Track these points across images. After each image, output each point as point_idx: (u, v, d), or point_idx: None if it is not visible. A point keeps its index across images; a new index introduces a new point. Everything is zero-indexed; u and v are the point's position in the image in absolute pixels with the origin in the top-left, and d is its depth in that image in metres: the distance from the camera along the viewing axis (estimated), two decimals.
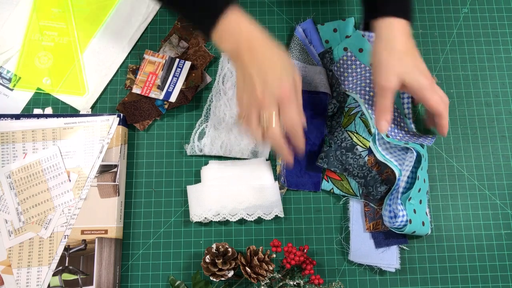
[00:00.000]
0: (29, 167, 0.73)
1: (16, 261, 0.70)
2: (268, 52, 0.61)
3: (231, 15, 0.60)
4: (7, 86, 0.79)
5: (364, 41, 0.78)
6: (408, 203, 0.68)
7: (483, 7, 0.84)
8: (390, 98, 0.64)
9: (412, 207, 0.69)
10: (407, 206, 0.68)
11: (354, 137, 0.72)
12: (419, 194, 0.69)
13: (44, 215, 0.72)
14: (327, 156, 0.69)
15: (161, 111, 0.77)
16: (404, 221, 0.67)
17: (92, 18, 0.82)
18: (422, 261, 0.72)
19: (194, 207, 0.72)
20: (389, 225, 0.68)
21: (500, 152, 0.77)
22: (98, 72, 0.80)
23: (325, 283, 0.69)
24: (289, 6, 0.84)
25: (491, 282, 0.72)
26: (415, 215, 0.69)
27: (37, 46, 0.80)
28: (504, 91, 0.80)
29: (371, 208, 0.72)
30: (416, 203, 0.69)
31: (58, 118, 0.75)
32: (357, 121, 0.73)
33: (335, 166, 0.69)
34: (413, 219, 0.68)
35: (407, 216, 0.67)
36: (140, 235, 0.73)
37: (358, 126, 0.73)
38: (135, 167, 0.76)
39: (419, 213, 0.70)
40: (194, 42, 0.80)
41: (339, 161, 0.69)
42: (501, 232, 0.74)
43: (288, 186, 0.74)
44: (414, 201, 0.69)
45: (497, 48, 0.82)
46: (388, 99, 0.64)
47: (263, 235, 0.73)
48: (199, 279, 0.70)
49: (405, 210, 0.67)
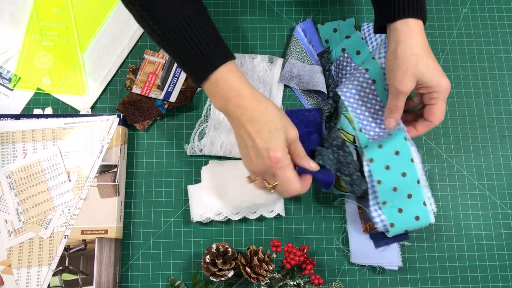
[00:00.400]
0: (29, 167, 0.73)
1: (16, 261, 0.70)
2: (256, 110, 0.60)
3: (223, 69, 0.60)
4: (7, 86, 0.79)
5: (362, 43, 0.78)
6: (384, 206, 0.67)
7: (483, 7, 0.84)
8: (403, 100, 0.65)
9: (395, 208, 0.67)
10: (384, 210, 0.67)
11: (342, 134, 0.73)
12: (398, 192, 0.68)
13: (44, 215, 0.72)
14: (321, 153, 0.70)
15: (161, 111, 0.77)
16: (385, 225, 0.67)
17: (92, 18, 0.82)
18: (422, 261, 0.72)
19: (195, 207, 0.72)
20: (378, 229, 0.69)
21: (500, 152, 0.77)
22: (98, 72, 0.80)
23: (325, 283, 0.69)
24: (289, 6, 0.84)
25: (491, 282, 0.72)
26: (401, 214, 0.67)
27: (37, 46, 0.80)
28: (504, 91, 0.80)
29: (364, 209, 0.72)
30: (400, 201, 0.68)
31: (58, 118, 0.75)
32: (341, 117, 0.73)
33: (329, 165, 0.69)
34: (398, 219, 0.67)
35: (387, 220, 0.67)
36: (140, 235, 0.73)
37: (342, 122, 0.73)
38: (135, 167, 0.76)
39: (409, 209, 0.67)
40: None
41: (331, 160, 0.69)
42: (501, 232, 0.74)
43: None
44: (391, 203, 0.68)
45: (497, 48, 0.82)
46: (401, 101, 0.65)
47: (263, 235, 0.73)
48: (199, 279, 0.70)
49: (383, 215, 0.67)
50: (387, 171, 0.67)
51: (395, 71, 0.63)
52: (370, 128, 0.72)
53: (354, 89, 0.72)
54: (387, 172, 0.67)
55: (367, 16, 0.83)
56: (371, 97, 0.72)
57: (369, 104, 0.72)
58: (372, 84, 0.72)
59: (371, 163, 0.67)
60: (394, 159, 0.68)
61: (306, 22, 0.81)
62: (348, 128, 0.72)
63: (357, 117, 0.72)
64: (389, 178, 0.67)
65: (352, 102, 0.72)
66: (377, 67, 0.72)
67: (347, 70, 0.77)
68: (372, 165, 0.67)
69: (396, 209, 0.68)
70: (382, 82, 0.72)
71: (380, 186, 0.67)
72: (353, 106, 0.72)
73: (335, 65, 0.78)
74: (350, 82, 0.73)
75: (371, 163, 0.67)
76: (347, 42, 0.79)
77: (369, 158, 0.68)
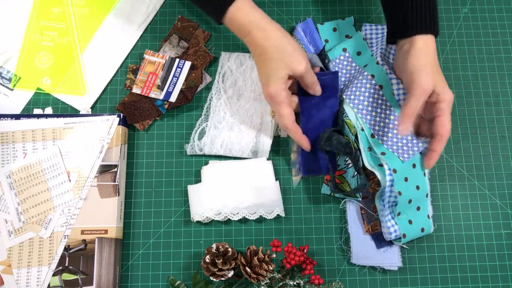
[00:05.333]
0: (29, 167, 0.73)
1: (16, 261, 0.70)
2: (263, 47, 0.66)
3: (232, 8, 0.66)
4: (7, 86, 0.79)
5: (364, 44, 0.78)
6: (397, 218, 0.69)
7: (483, 7, 0.84)
8: (423, 101, 0.65)
9: (406, 220, 0.69)
10: (398, 221, 0.69)
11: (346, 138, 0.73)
12: (411, 204, 0.69)
13: (44, 215, 0.72)
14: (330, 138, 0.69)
15: (161, 111, 0.77)
16: (397, 235, 0.69)
17: (92, 18, 0.82)
18: (422, 261, 0.72)
19: (195, 207, 0.72)
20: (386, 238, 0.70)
21: (500, 152, 0.77)
22: (98, 72, 0.80)
23: (325, 283, 0.69)
24: (289, 6, 0.84)
25: (491, 282, 0.72)
26: (411, 226, 0.69)
27: (37, 46, 0.80)
28: (504, 91, 0.80)
29: (367, 210, 0.72)
30: (411, 213, 0.69)
31: (58, 118, 0.75)
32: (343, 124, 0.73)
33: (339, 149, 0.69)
34: (409, 231, 0.69)
35: (400, 231, 0.69)
36: (140, 235, 0.73)
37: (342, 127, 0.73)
38: (135, 167, 0.76)
39: (417, 221, 0.70)
40: (194, 42, 0.80)
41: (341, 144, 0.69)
42: (501, 232, 0.74)
43: (303, 173, 0.71)
44: (405, 214, 0.69)
45: (497, 48, 0.82)
46: (421, 101, 0.65)
47: (263, 235, 0.73)
48: (199, 279, 0.70)
49: (396, 225, 0.69)
50: (405, 183, 0.68)
51: (419, 73, 0.65)
52: (383, 133, 0.72)
53: (362, 96, 0.72)
54: (405, 184, 0.68)
55: (367, 16, 0.83)
56: (380, 102, 0.73)
57: (379, 109, 0.72)
58: (380, 89, 0.72)
59: (394, 174, 0.68)
60: (412, 171, 0.69)
61: (306, 22, 0.81)
62: (348, 134, 0.72)
63: (368, 123, 0.72)
64: (407, 190, 0.68)
65: (361, 109, 0.72)
66: (382, 73, 0.73)
67: (347, 70, 0.77)
68: (395, 176, 0.68)
69: (407, 220, 0.69)
70: (389, 86, 0.72)
71: (400, 197, 0.67)
72: (362, 113, 0.72)
73: (334, 64, 0.78)
74: (357, 89, 0.73)
75: (394, 174, 0.68)
76: (348, 42, 0.78)
77: (392, 168, 0.68)
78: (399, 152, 0.69)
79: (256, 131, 0.76)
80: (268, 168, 0.74)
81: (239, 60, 0.80)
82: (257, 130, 0.76)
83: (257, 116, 0.77)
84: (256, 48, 0.67)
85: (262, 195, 0.72)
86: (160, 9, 0.83)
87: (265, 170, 0.74)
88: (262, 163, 0.74)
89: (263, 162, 0.74)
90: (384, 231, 0.70)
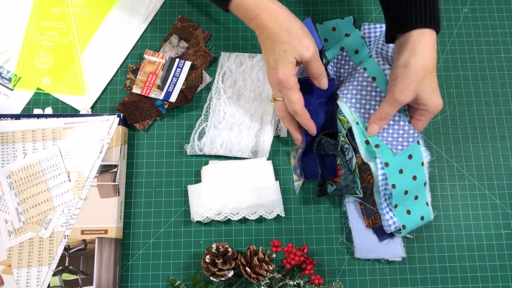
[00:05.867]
0: (29, 167, 0.73)
1: (16, 261, 0.70)
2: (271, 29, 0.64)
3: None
4: (7, 86, 0.79)
5: (362, 42, 0.78)
6: (395, 210, 0.69)
7: (483, 7, 0.84)
8: (396, 110, 0.65)
9: (404, 210, 0.69)
10: (396, 213, 0.69)
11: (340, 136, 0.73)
12: (408, 195, 0.69)
13: (44, 215, 0.72)
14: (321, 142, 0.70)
15: (161, 111, 0.77)
16: (397, 227, 0.69)
17: (92, 18, 0.82)
18: (422, 261, 0.72)
19: (195, 207, 0.72)
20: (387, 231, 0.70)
21: (500, 152, 0.77)
22: (98, 72, 0.80)
23: (325, 283, 0.69)
24: (288, 6, 0.83)
25: (491, 282, 0.72)
26: (409, 216, 0.69)
27: (37, 46, 0.80)
28: (504, 91, 0.80)
29: (366, 205, 0.72)
30: (409, 203, 0.69)
31: (58, 118, 0.75)
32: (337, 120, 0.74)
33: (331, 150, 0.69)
34: (408, 221, 0.69)
35: (399, 223, 0.69)
36: (140, 235, 0.73)
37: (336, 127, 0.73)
38: (135, 167, 0.76)
39: (416, 210, 0.70)
40: (194, 42, 0.80)
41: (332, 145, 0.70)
42: (501, 232, 0.74)
43: (305, 178, 0.74)
44: (402, 205, 0.69)
45: (497, 48, 0.82)
46: (394, 110, 0.65)
47: (263, 235, 0.73)
48: (199, 279, 0.70)
49: (395, 217, 0.69)
50: (400, 175, 0.68)
51: (401, 80, 0.63)
52: None
53: (355, 90, 0.72)
54: (400, 176, 0.68)
55: (367, 16, 0.83)
56: (374, 94, 0.72)
57: (373, 101, 0.72)
58: (373, 81, 0.72)
59: (386, 167, 0.67)
60: (407, 163, 0.69)
61: (305, 21, 0.81)
62: (341, 130, 0.73)
63: (362, 117, 0.72)
64: (402, 182, 0.68)
65: (354, 102, 0.72)
66: (375, 65, 0.72)
67: (345, 69, 0.77)
68: (387, 169, 0.67)
69: (405, 211, 0.69)
70: (383, 78, 0.72)
71: (394, 190, 0.67)
72: (356, 106, 0.72)
73: (333, 64, 0.78)
74: (350, 83, 0.73)
75: (386, 167, 0.67)
76: (346, 40, 0.78)
77: (384, 162, 0.68)
78: (393, 144, 0.69)
79: (256, 131, 0.76)
80: (268, 168, 0.74)
81: (239, 60, 0.80)
82: (257, 130, 0.76)
83: (257, 116, 0.77)
84: (263, 31, 0.65)
85: (262, 195, 0.72)
86: (160, 9, 0.83)
87: (265, 170, 0.74)
88: (262, 163, 0.74)
89: (263, 162, 0.74)
90: (384, 224, 0.70)
